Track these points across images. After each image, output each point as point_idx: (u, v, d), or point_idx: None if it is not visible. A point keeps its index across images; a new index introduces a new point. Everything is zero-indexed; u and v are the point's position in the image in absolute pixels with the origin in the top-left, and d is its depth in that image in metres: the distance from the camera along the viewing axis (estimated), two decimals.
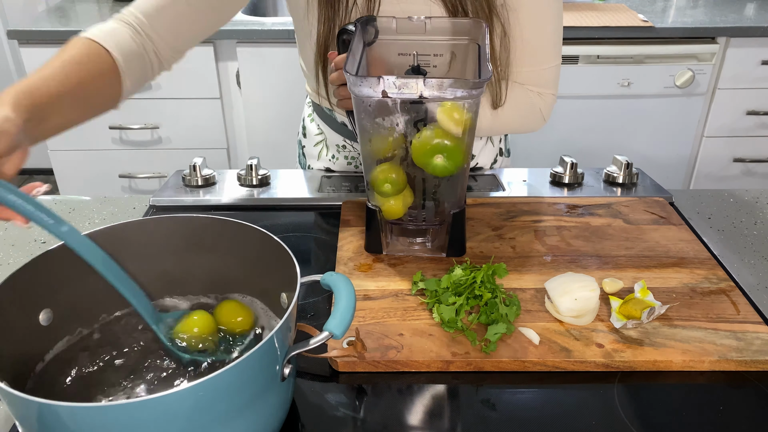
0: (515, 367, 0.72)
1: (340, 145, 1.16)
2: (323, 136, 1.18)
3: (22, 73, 2.87)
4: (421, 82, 0.72)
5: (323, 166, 1.20)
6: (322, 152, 1.19)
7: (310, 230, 1.01)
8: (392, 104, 0.77)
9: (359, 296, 0.81)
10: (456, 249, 0.90)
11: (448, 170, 0.79)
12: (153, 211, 1.04)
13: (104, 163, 2.27)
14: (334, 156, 1.18)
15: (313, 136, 1.20)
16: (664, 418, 0.67)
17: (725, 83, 2.15)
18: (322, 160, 1.19)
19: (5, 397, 0.50)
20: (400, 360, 0.72)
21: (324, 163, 1.19)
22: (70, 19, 2.15)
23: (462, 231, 0.89)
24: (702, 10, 2.24)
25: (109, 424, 0.49)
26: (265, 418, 0.59)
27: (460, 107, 0.75)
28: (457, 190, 0.85)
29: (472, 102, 0.75)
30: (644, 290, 0.79)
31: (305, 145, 1.23)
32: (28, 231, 0.99)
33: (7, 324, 0.60)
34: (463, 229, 0.89)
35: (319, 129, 1.18)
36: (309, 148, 1.22)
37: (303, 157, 1.25)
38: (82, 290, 0.68)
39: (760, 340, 0.74)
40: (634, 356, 0.72)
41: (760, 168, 2.31)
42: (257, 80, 2.13)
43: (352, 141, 1.14)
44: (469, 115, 0.76)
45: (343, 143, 1.15)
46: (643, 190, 1.09)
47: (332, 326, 0.58)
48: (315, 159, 1.21)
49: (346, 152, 1.16)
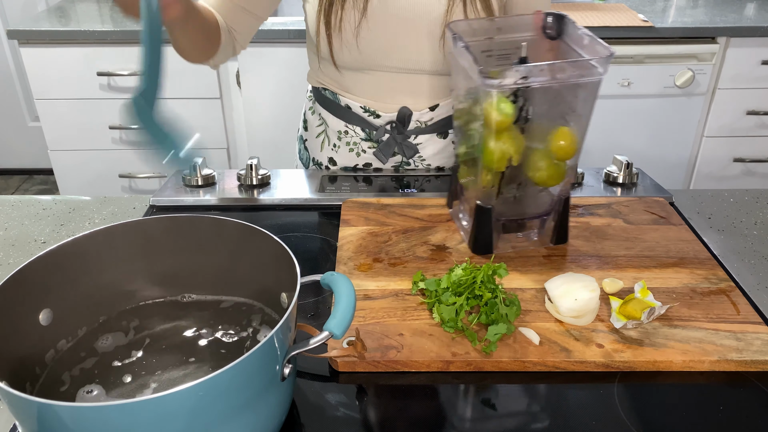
0: (515, 367, 0.72)
1: (342, 131, 1.16)
2: (324, 126, 1.19)
3: (22, 73, 2.87)
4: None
5: (326, 156, 1.20)
6: (324, 143, 1.20)
7: (310, 230, 1.01)
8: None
9: (359, 296, 0.81)
10: (561, 236, 0.92)
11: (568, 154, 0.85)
12: (153, 211, 1.04)
13: (104, 163, 2.27)
14: (335, 145, 1.18)
15: (314, 128, 1.21)
16: (664, 418, 0.67)
17: (725, 83, 2.15)
18: (325, 150, 1.20)
19: (5, 397, 0.50)
20: (400, 360, 0.72)
21: (327, 153, 1.20)
22: (70, 19, 2.15)
23: (567, 217, 0.92)
24: (702, 10, 2.24)
25: (109, 424, 0.49)
26: (265, 418, 0.59)
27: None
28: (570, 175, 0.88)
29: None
30: (644, 290, 0.79)
31: (307, 139, 1.24)
32: (28, 231, 0.99)
33: (7, 324, 0.60)
34: (567, 216, 0.91)
35: (320, 119, 1.19)
36: (311, 141, 1.23)
37: (305, 151, 1.25)
38: (82, 290, 0.68)
39: (760, 341, 0.74)
40: (634, 356, 0.72)
41: (760, 168, 2.31)
42: (257, 80, 2.13)
43: (353, 125, 1.15)
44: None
45: (345, 128, 1.16)
46: (643, 190, 1.09)
47: (332, 326, 0.58)
48: (318, 151, 1.22)
49: (348, 138, 1.16)
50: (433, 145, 1.15)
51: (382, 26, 1.02)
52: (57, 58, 2.08)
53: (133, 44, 2.06)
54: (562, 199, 0.89)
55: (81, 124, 2.19)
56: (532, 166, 0.86)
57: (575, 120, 0.84)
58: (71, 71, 2.10)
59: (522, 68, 0.78)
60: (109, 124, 2.19)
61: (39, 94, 2.14)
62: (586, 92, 0.82)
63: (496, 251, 0.91)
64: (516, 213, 0.90)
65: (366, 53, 1.04)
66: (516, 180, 0.88)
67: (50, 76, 2.11)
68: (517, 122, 0.83)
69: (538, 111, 0.84)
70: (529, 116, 0.84)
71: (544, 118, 0.85)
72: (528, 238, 0.92)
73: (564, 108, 0.84)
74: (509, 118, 0.81)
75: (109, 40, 2.05)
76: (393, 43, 1.03)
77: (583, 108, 0.83)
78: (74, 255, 0.67)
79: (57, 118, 2.18)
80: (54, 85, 2.13)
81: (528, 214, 0.91)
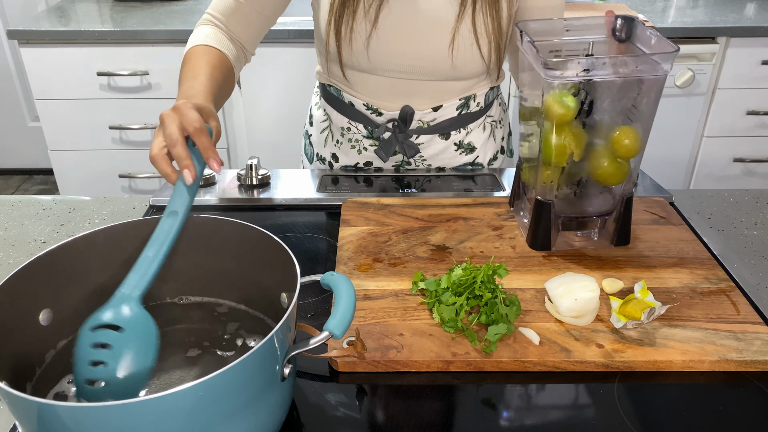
0: (515, 367, 0.72)
1: (344, 127, 1.17)
2: (328, 122, 1.20)
3: (22, 73, 2.87)
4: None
5: (329, 152, 1.21)
6: (327, 139, 1.21)
7: (310, 230, 1.01)
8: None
9: (359, 296, 0.81)
10: (623, 238, 0.91)
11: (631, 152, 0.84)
12: (153, 211, 1.04)
13: (104, 163, 2.27)
14: (338, 141, 1.19)
15: (319, 123, 1.22)
16: (664, 418, 0.67)
17: (725, 83, 2.15)
18: (328, 146, 1.21)
19: (5, 397, 0.50)
20: (400, 360, 0.72)
21: (330, 149, 1.21)
22: (70, 19, 2.15)
23: (629, 218, 0.90)
24: (702, 10, 2.24)
25: (109, 424, 0.49)
26: (265, 418, 0.59)
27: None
28: (632, 173, 0.87)
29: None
30: (644, 290, 0.79)
31: (312, 134, 1.25)
32: (28, 231, 1.00)
33: (7, 324, 0.60)
34: (630, 216, 0.90)
35: (325, 114, 1.20)
36: (315, 136, 1.24)
37: (310, 146, 1.26)
38: (82, 290, 0.68)
39: (760, 341, 0.74)
40: (634, 356, 0.72)
41: (760, 168, 2.31)
42: (257, 80, 2.13)
43: (356, 122, 1.15)
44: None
45: (348, 125, 1.16)
46: (643, 190, 1.09)
47: (332, 326, 0.58)
48: (322, 146, 1.23)
49: (351, 134, 1.17)
50: (435, 146, 1.15)
51: (393, 36, 1.02)
52: (57, 58, 2.08)
53: (132, 44, 2.06)
54: (623, 199, 0.88)
55: (81, 124, 2.19)
56: (593, 163, 0.86)
57: (638, 118, 0.83)
58: (71, 71, 2.10)
59: (584, 60, 0.78)
60: (109, 124, 2.19)
61: (39, 94, 2.14)
62: (649, 89, 0.81)
63: (554, 248, 0.91)
64: (576, 211, 0.90)
65: (375, 61, 1.04)
66: (577, 176, 0.87)
67: (50, 76, 2.11)
68: (578, 117, 0.83)
69: (601, 107, 0.83)
70: (592, 111, 0.83)
71: (607, 114, 0.84)
72: (588, 237, 0.91)
73: (627, 105, 0.83)
74: (571, 112, 0.81)
75: (109, 40, 2.05)
76: (403, 51, 1.03)
77: (646, 106, 0.82)
78: (74, 255, 0.67)
79: (57, 118, 2.18)
80: (54, 85, 2.13)
81: (588, 212, 0.90)
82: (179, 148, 0.68)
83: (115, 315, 0.61)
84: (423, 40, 1.02)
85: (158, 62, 2.09)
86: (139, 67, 2.10)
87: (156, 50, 2.07)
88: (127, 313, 0.62)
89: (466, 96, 1.12)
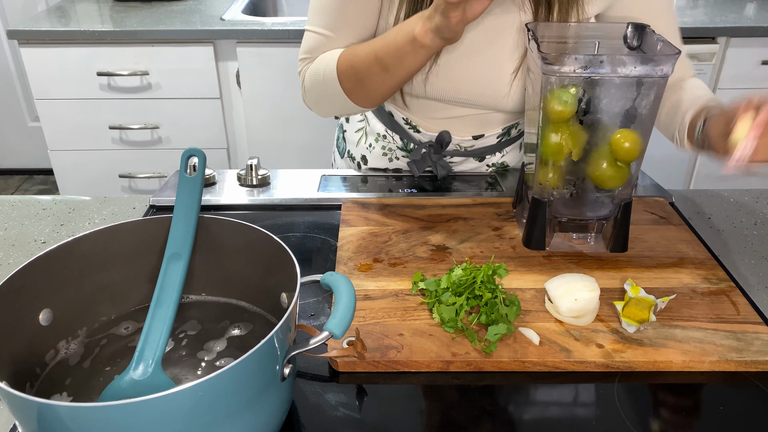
0: (515, 368, 0.72)
1: (380, 134, 1.16)
2: (365, 123, 1.19)
3: (22, 73, 2.87)
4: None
5: (360, 153, 1.20)
6: (361, 139, 1.20)
7: (310, 230, 1.01)
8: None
9: (359, 296, 0.81)
10: (620, 244, 0.90)
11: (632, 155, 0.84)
12: (153, 211, 1.04)
13: (104, 163, 2.27)
14: (371, 145, 1.18)
15: (355, 122, 1.21)
16: (664, 418, 0.67)
17: (725, 83, 2.15)
18: (360, 147, 1.20)
19: (5, 397, 0.50)
20: (400, 360, 0.72)
21: (361, 150, 1.20)
22: (70, 19, 2.15)
23: (627, 224, 0.89)
24: (702, 10, 2.24)
25: (109, 424, 0.49)
26: (265, 418, 0.59)
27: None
28: (631, 178, 0.86)
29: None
30: (635, 287, 0.79)
31: (346, 130, 1.24)
32: (28, 231, 0.99)
33: (7, 324, 0.60)
34: (628, 223, 0.89)
35: (363, 115, 1.19)
36: (350, 133, 1.23)
37: (342, 141, 1.25)
38: (82, 290, 0.68)
39: (760, 341, 0.74)
40: (634, 356, 0.72)
41: (761, 168, 2.31)
42: (257, 80, 2.13)
43: (393, 132, 1.14)
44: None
45: (384, 133, 1.15)
46: (643, 190, 1.09)
47: (332, 326, 0.58)
48: (354, 145, 1.22)
49: (385, 142, 1.16)
50: (468, 165, 1.15)
51: (452, 73, 0.99)
52: (57, 58, 2.08)
53: (132, 44, 2.06)
54: (622, 204, 0.88)
55: (81, 124, 2.19)
56: (592, 164, 0.85)
57: (638, 121, 0.83)
58: (71, 71, 2.10)
59: (582, 57, 0.77)
60: (109, 124, 2.19)
61: (39, 94, 2.14)
62: (649, 91, 0.80)
63: (549, 249, 0.90)
64: (573, 213, 0.89)
65: (430, 92, 1.02)
66: (575, 176, 0.87)
67: (50, 76, 2.11)
68: (576, 115, 0.82)
69: (599, 106, 0.82)
70: (590, 110, 0.82)
71: (606, 114, 0.83)
72: (585, 240, 0.91)
73: (626, 106, 0.83)
74: (569, 108, 0.80)
75: (109, 40, 2.05)
76: (460, 87, 1.01)
77: (646, 108, 0.82)
78: (74, 255, 0.67)
79: (57, 118, 2.18)
80: (54, 85, 2.13)
81: (586, 215, 0.90)
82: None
83: (136, 388, 0.63)
84: (481, 75, 0.99)
85: (158, 62, 2.09)
86: (139, 67, 2.10)
87: (156, 50, 2.07)
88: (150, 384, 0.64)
89: (509, 125, 1.10)
